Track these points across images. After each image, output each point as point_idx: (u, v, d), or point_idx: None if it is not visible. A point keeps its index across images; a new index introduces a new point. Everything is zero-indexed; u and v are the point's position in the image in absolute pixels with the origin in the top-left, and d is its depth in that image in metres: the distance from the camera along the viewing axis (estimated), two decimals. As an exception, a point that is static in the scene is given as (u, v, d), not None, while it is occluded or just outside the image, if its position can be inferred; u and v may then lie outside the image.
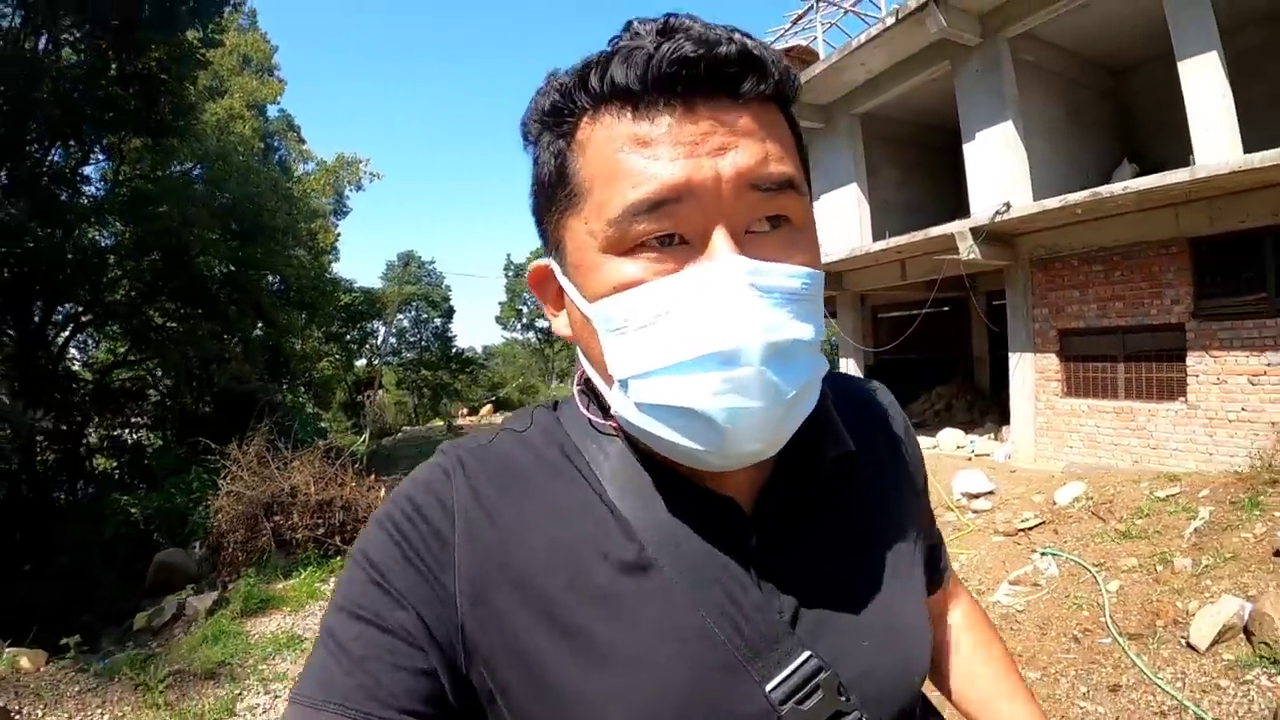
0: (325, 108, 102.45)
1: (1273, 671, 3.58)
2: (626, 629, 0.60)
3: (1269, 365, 7.37)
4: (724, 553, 0.63)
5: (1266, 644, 3.72)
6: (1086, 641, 4.14)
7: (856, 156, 11.93)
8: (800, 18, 13.22)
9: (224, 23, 13.25)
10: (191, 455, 10.52)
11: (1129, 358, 8.59)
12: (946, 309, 13.07)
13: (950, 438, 10.60)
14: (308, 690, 0.58)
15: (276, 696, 4.45)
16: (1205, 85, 7.60)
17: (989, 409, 12.01)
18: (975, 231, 8.97)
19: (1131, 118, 11.03)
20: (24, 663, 4.49)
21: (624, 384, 0.59)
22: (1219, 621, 3.86)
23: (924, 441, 10.96)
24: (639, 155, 0.55)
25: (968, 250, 9.03)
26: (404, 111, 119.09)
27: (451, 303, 39.79)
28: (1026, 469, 8.96)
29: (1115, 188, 7.69)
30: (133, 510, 8.80)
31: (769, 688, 0.60)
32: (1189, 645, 3.89)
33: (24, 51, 10.71)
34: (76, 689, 3.96)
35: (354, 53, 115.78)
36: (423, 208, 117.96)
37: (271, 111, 20.42)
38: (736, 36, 0.57)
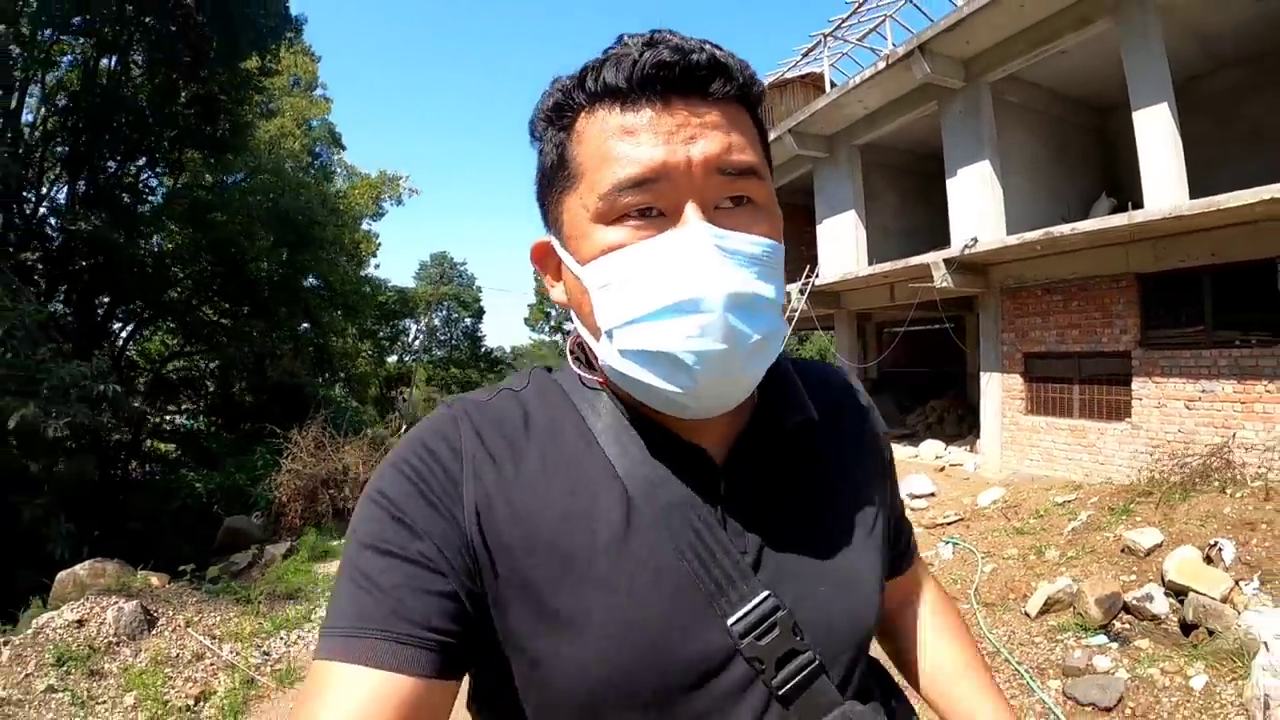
0: (360, 104, 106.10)
1: (1080, 634, 4.79)
2: (611, 559, 0.69)
3: (1203, 392, 8.40)
4: (695, 496, 0.73)
5: (1080, 614, 4.93)
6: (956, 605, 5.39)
7: (855, 186, 13.11)
8: (809, 51, 14.43)
9: (280, 53, 15.10)
10: (241, 441, 12.20)
11: (1083, 380, 9.66)
12: (950, 326, 14.17)
13: (930, 448, 11.73)
14: (344, 623, 0.64)
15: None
16: (1156, 134, 8.61)
17: (976, 423, 13.10)
18: (948, 262, 10.12)
19: (1116, 153, 11.98)
20: (154, 580, 6.08)
21: (609, 334, 0.70)
22: (1046, 595, 5.07)
23: (907, 450, 12.11)
24: (625, 142, 0.67)
25: (941, 279, 10.18)
26: (437, 110, 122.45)
27: (481, 303, 41.70)
28: (992, 478, 10.09)
29: (1065, 228, 8.80)
30: (197, 485, 10.51)
31: (730, 621, 0.69)
32: (1025, 613, 5.11)
33: (100, 80, 12.49)
34: (194, 600, 5.45)
35: (387, 50, 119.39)
36: (455, 206, 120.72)
37: (314, 120, 22.49)
38: (708, 47, 0.69)
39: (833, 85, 14.25)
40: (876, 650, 0.90)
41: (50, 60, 12.19)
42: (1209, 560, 5.13)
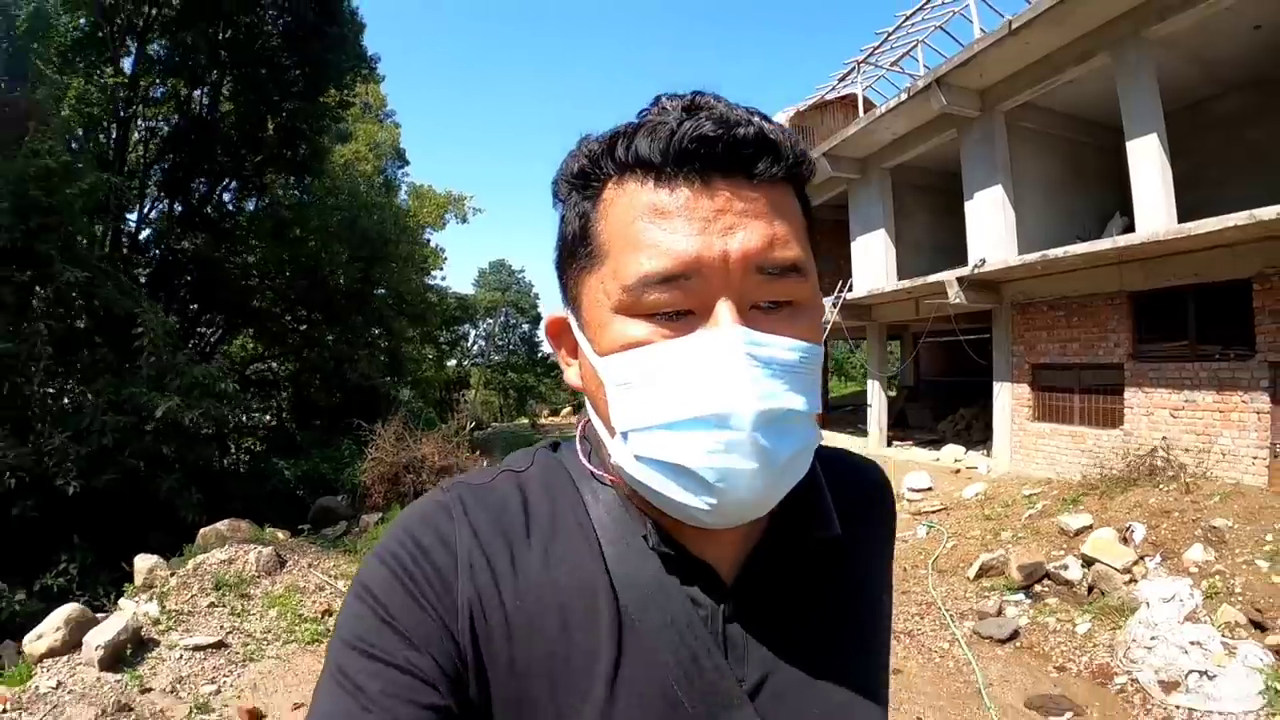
0: (422, 117, 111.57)
1: (1005, 594, 6.14)
2: (604, 682, 0.67)
3: (1186, 402, 9.47)
4: (695, 617, 0.70)
5: (1007, 577, 6.28)
6: (913, 573, 6.76)
7: (885, 206, 14.41)
8: (845, 77, 15.75)
9: (355, 87, 17.38)
10: (321, 435, 14.23)
11: (1083, 390, 10.79)
12: (973, 338, 15.27)
13: (950, 452, 12.93)
14: None
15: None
16: (1146, 163, 9.73)
17: (1001, 431, 14.21)
18: (960, 280, 11.37)
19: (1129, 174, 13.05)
20: (279, 535, 7.97)
21: (625, 435, 0.66)
22: (982, 562, 6.43)
23: (930, 454, 13.35)
24: (656, 227, 0.62)
25: (954, 295, 11.43)
26: (498, 120, 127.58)
27: (539, 310, 43.69)
28: (1001, 478, 11.27)
29: (1058, 251, 10.00)
30: (286, 472, 12.46)
31: None
32: (966, 577, 6.46)
33: (195, 114, 14.70)
34: (311, 550, 7.30)
35: (446, 61, 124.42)
36: (513, 218, 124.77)
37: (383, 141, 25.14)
38: (755, 119, 0.64)
39: (871, 106, 15.57)
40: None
41: (151, 98, 14.50)
42: (1124, 540, 6.40)
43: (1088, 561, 6.19)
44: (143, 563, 6.69)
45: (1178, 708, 4.38)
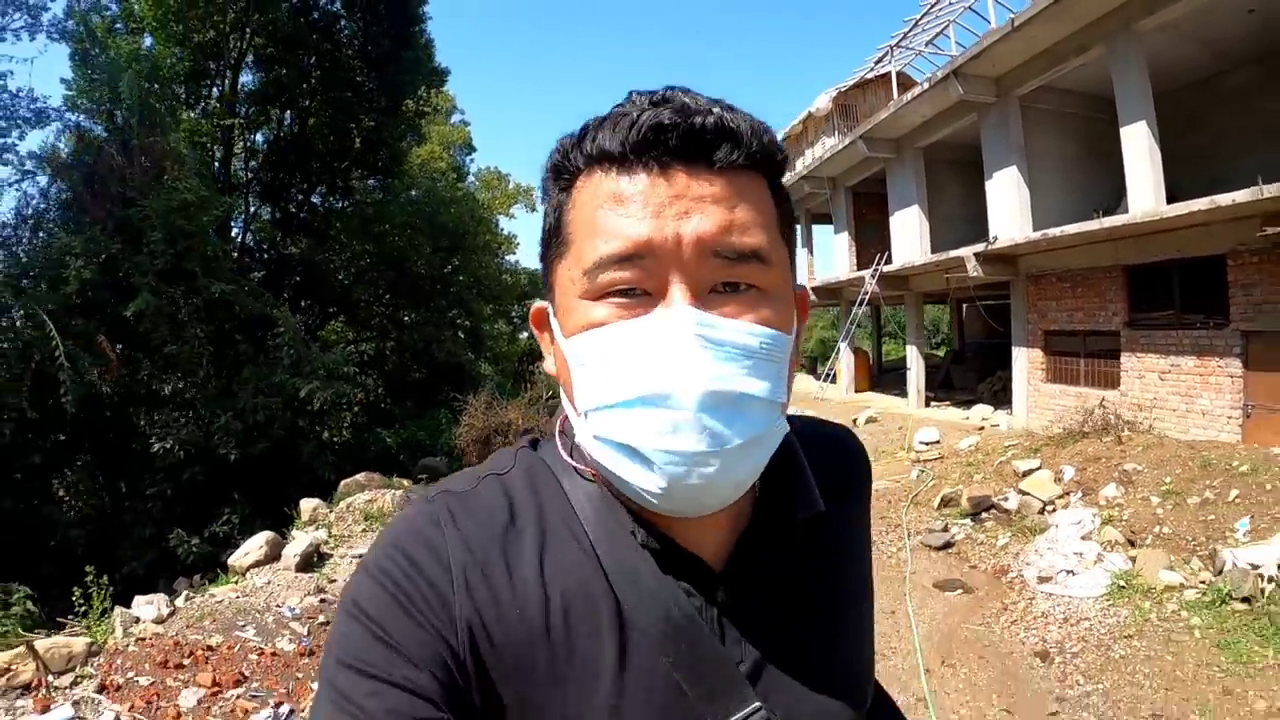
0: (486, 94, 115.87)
1: (958, 520, 8.34)
2: (607, 677, 0.72)
3: (1172, 366, 11.20)
4: (690, 609, 0.74)
5: (960, 507, 8.48)
6: (896, 505, 9.01)
7: (919, 183, 16.22)
8: (879, 60, 17.49)
9: (430, 99, 20.28)
10: (414, 407, 17.23)
11: (1088, 354, 12.56)
12: (991, 304, 16.89)
13: (979, 411, 14.83)
14: None
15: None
16: (1137, 148, 11.29)
17: (1033, 391, 16.02)
18: (978, 255, 13.24)
19: (1154, 145, 14.50)
20: (405, 483, 10.82)
21: (585, 415, 0.71)
22: (942, 495, 8.65)
23: (960, 413, 15.31)
24: (614, 213, 0.67)
25: (973, 269, 13.31)
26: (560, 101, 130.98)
27: None
28: (1008, 433, 13.23)
29: (1056, 230, 11.76)
30: (387, 439, 15.35)
31: None
32: (932, 506, 8.68)
33: (290, 130, 17.67)
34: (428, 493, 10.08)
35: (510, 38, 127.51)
36: None
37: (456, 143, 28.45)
38: (717, 109, 0.68)
39: (910, 84, 17.29)
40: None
41: (250, 122, 17.53)
42: (1057, 479, 8.50)
43: (1025, 494, 8.34)
44: (307, 504, 9.53)
45: (1042, 592, 6.56)
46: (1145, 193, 11.17)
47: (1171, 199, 10.89)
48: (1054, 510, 7.88)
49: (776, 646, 0.79)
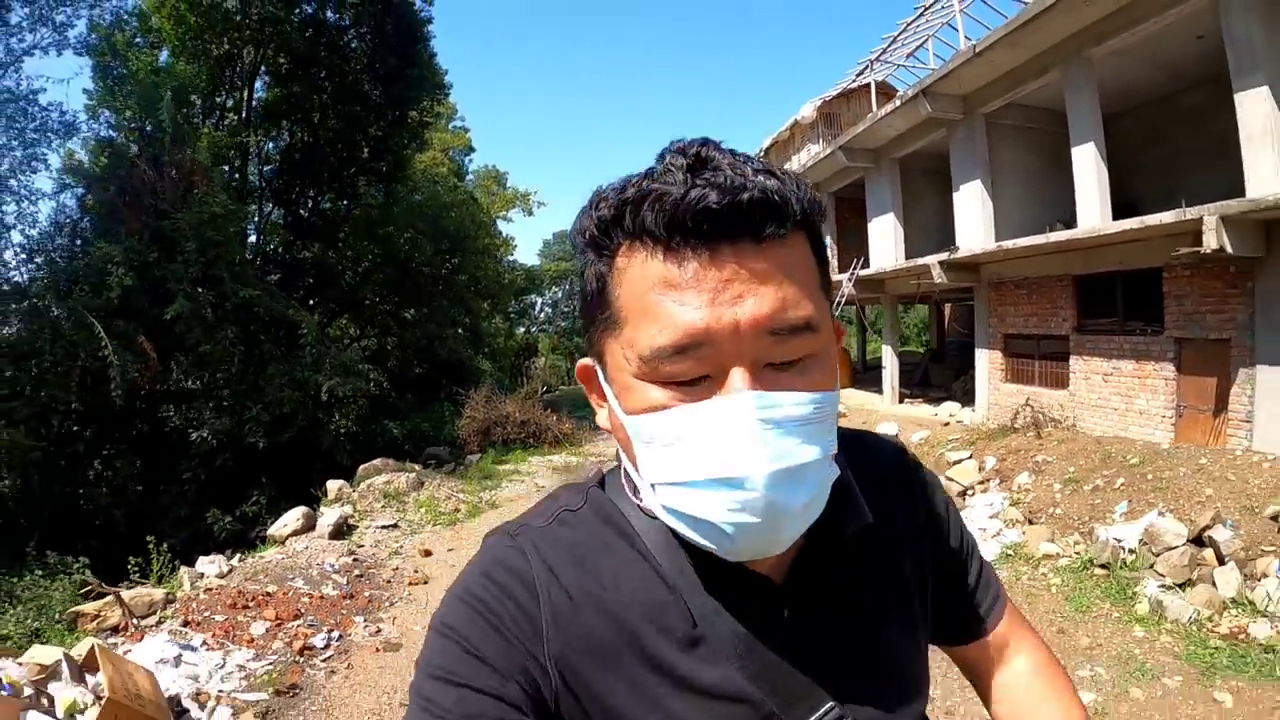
0: (482, 87, 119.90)
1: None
2: (685, 693, 0.81)
3: (1114, 368, 12.57)
4: (761, 623, 0.83)
5: None
6: None
7: (894, 192, 17.62)
8: (861, 73, 18.89)
9: (433, 109, 21.99)
10: (417, 400, 18.80)
11: (1041, 357, 13.96)
12: (946, 304, 18.38)
13: (947, 408, 16.26)
14: None
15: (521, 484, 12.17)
16: (1085, 167, 12.64)
17: (1002, 389, 17.46)
18: (942, 264, 14.66)
19: (1116, 159, 15.77)
20: (416, 467, 12.47)
21: (654, 486, 0.77)
22: None
23: (930, 409, 16.76)
24: (667, 299, 0.70)
25: (938, 276, 14.73)
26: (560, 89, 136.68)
27: None
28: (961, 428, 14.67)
29: (1009, 243, 13.15)
30: (394, 430, 16.94)
31: None
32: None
33: (300, 141, 19.25)
34: (437, 477, 11.69)
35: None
36: (577, 186, 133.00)
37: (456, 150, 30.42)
38: (760, 179, 0.71)
39: (892, 93, 18.66)
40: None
41: (267, 134, 19.11)
42: (980, 468, 9.95)
43: (949, 481, 9.78)
44: (333, 484, 11.29)
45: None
46: (1092, 209, 12.41)
47: (1134, 211, 12.14)
48: (973, 494, 9.33)
49: (840, 654, 0.87)
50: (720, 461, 0.71)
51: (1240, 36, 9.61)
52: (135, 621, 6.52)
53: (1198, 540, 6.85)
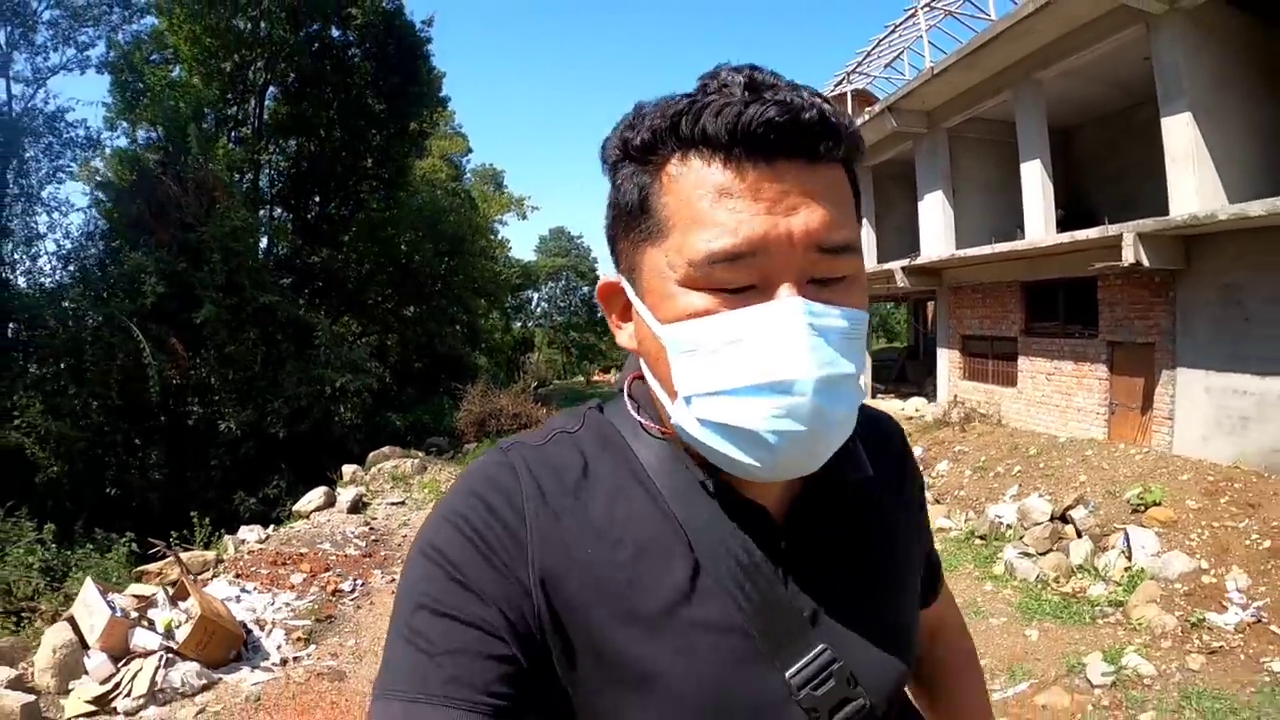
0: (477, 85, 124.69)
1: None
2: (679, 620, 0.80)
3: (1055, 369, 14.24)
4: (758, 555, 0.84)
5: None
6: None
7: (867, 199, 19.29)
8: (840, 82, 20.60)
9: (433, 120, 24.06)
10: (417, 394, 20.79)
11: (995, 356, 15.70)
12: (909, 307, 19.95)
13: (913, 403, 18.07)
14: (401, 685, 0.74)
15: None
16: (1031, 183, 14.17)
17: (970, 385, 19.22)
18: (904, 269, 16.42)
19: (1077, 169, 17.51)
20: (419, 454, 14.36)
21: (688, 400, 0.77)
22: None
23: (898, 404, 18.55)
24: (722, 207, 0.72)
25: (900, 281, 16.50)
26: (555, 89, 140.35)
27: (598, 273, 50.87)
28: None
29: (961, 252, 14.92)
30: (397, 422, 18.89)
31: (789, 673, 0.82)
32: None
33: (309, 152, 21.26)
34: (437, 463, 13.60)
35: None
36: (571, 182, 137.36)
37: (455, 155, 32.70)
38: (817, 102, 0.74)
39: (872, 100, 20.37)
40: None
41: (278, 147, 21.09)
42: (915, 459, 11.76)
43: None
44: (347, 468, 13.31)
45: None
46: (1038, 222, 14.00)
47: (1093, 219, 13.68)
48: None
49: (833, 596, 0.89)
50: (771, 365, 0.73)
51: (1167, 65, 10.97)
52: (192, 577, 8.37)
53: (1063, 517, 8.67)
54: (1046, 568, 7.86)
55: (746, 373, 0.73)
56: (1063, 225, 14.25)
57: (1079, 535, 8.41)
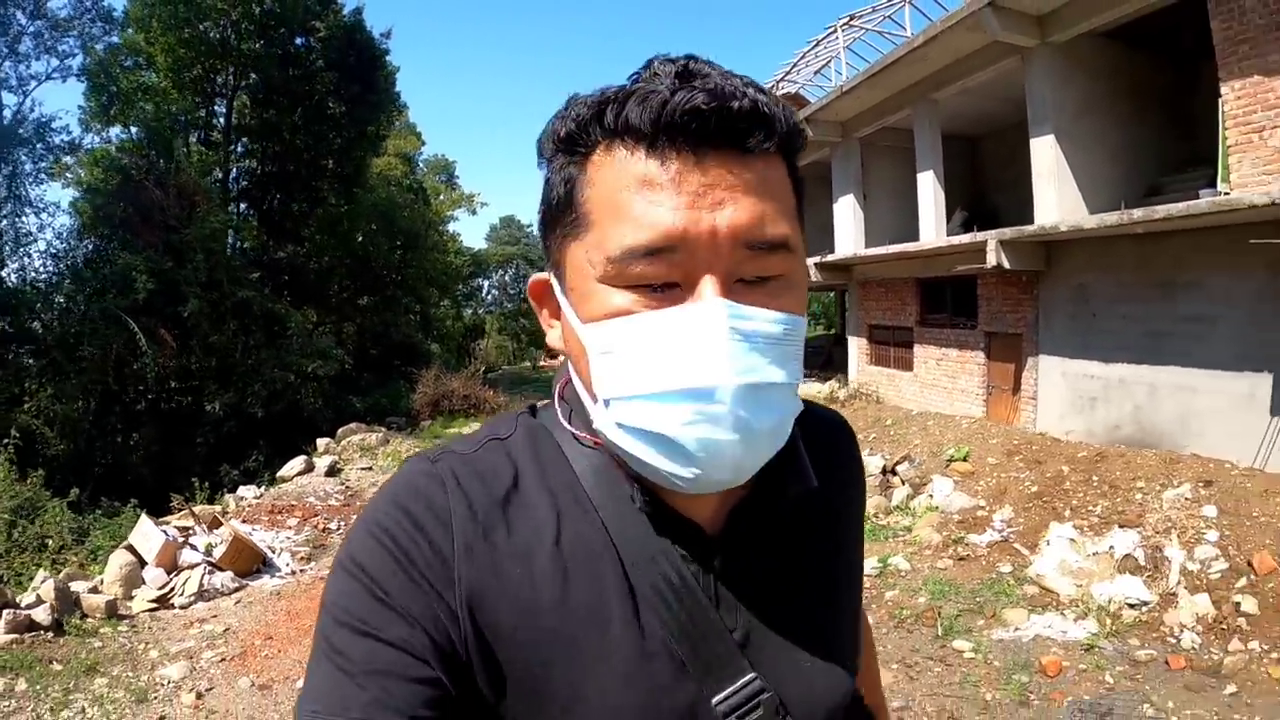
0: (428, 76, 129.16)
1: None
2: (607, 642, 0.82)
3: (944, 355, 16.94)
4: (690, 575, 0.85)
5: None
6: None
7: (793, 197, 22.24)
8: (782, 78, 23.56)
9: (391, 123, 26.89)
10: (375, 378, 23.73)
11: (895, 344, 18.56)
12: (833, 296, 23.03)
13: (830, 385, 21.07)
14: (322, 705, 0.75)
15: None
16: (925, 191, 16.69)
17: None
18: (817, 265, 19.39)
19: (982, 174, 20.35)
20: (381, 429, 17.37)
21: (607, 403, 0.79)
22: None
23: (815, 387, 21.55)
24: (643, 198, 0.73)
25: (814, 275, 19.41)
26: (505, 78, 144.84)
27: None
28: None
29: (865, 251, 17.93)
30: (358, 404, 21.78)
31: (715, 700, 0.84)
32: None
33: (274, 153, 23.99)
34: (399, 437, 16.50)
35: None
36: (524, 170, 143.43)
37: (410, 152, 35.73)
38: (750, 91, 0.74)
39: (805, 104, 23.18)
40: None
41: (247, 151, 23.75)
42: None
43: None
44: (321, 441, 16.09)
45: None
46: (930, 226, 16.46)
47: (995, 220, 16.05)
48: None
49: (768, 615, 0.90)
50: (689, 370, 0.73)
51: (1037, 95, 13.02)
52: (203, 526, 11.16)
53: (892, 470, 11.76)
54: (872, 508, 10.91)
55: (664, 377, 0.74)
56: (967, 225, 16.67)
57: (902, 484, 11.48)
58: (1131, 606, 7.32)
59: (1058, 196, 12.50)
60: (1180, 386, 10.70)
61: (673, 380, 0.74)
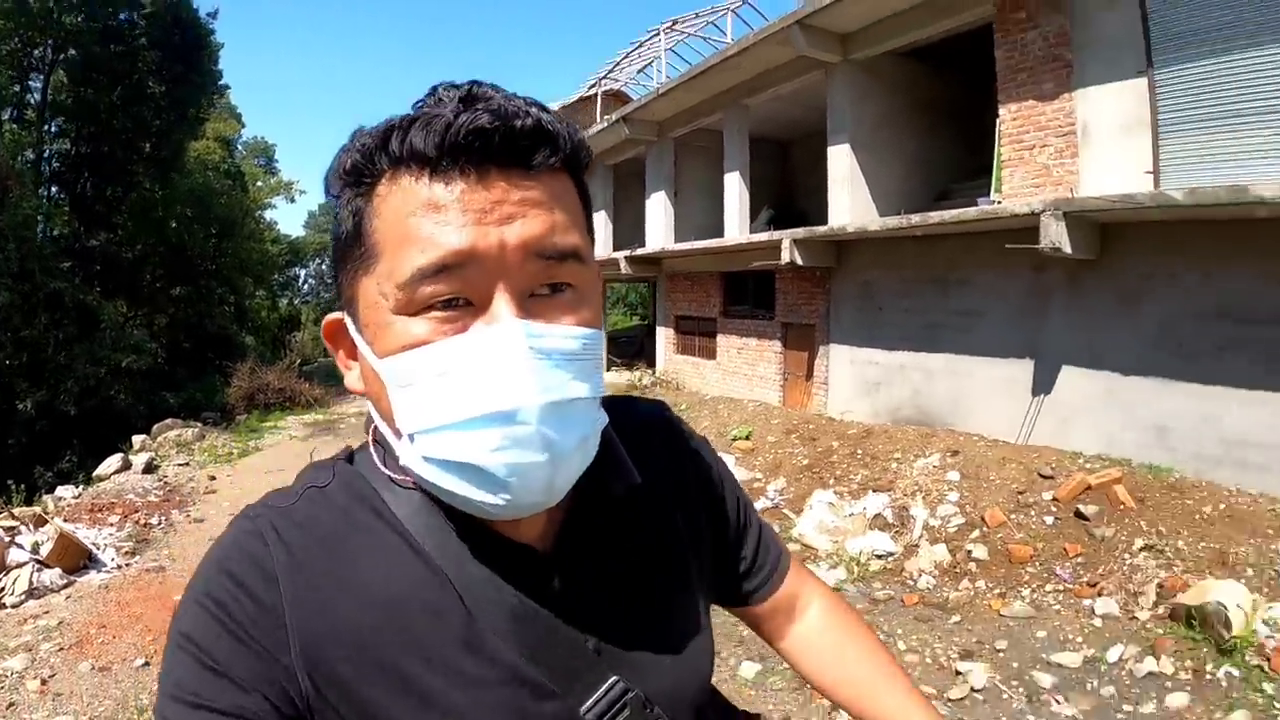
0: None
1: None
2: (454, 678, 0.82)
3: (745, 344, 18.05)
4: (531, 598, 0.86)
5: None
6: None
7: (606, 194, 23.20)
8: (593, 86, 24.79)
9: (212, 105, 26.39)
10: (191, 372, 23.54)
11: (700, 334, 19.66)
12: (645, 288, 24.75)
13: (638, 374, 22.32)
14: None
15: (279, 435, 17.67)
16: (730, 190, 17.70)
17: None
18: (628, 258, 20.69)
19: (792, 176, 21.66)
20: (198, 425, 17.40)
21: (411, 437, 0.78)
22: None
23: (625, 376, 22.58)
24: (429, 221, 0.73)
25: (624, 268, 20.48)
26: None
27: None
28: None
29: (673, 245, 19.33)
30: (171, 400, 21.49)
31: (583, 709, 0.87)
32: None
33: (90, 134, 23.32)
34: (214, 431, 16.73)
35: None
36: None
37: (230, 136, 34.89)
38: (533, 110, 0.76)
39: (626, 100, 24.40)
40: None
41: (61, 131, 22.95)
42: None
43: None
44: (137, 438, 15.96)
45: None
46: (734, 223, 17.55)
47: (803, 220, 16.59)
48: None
49: (616, 623, 0.92)
50: (491, 394, 0.73)
51: (837, 106, 13.94)
52: (29, 525, 11.31)
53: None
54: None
55: (466, 404, 0.74)
56: (776, 223, 17.97)
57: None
58: (879, 557, 8.61)
59: (851, 201, 13.51)
60: (954, 372, 11.94)
61: (475, 406, 0.74)
